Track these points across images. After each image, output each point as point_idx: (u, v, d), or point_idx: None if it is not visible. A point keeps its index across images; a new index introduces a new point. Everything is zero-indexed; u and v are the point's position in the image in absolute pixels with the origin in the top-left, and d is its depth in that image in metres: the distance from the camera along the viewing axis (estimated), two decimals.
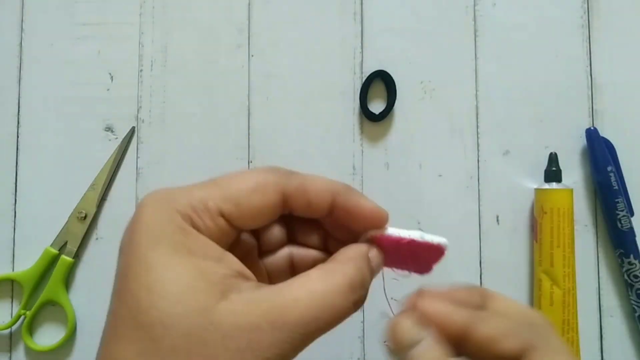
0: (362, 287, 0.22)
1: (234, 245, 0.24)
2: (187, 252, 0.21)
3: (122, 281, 0.21)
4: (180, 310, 0.19)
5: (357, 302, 0.22)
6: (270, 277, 0.26)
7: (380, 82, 0.47)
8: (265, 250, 0.27)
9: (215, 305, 0.19)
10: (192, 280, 0.20)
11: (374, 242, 0.24)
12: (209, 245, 0.21)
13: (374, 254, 0.24)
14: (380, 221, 0.25)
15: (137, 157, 0.47)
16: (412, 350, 0.22)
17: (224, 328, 0.19)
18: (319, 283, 0.21)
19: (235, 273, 0.21)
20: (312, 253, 0.27)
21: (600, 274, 0.45)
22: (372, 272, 0.24)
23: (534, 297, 0.44)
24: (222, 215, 0.22)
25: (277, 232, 0.26)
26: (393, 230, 0.24)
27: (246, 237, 0.25)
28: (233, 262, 0.22)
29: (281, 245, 0.27)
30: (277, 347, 0.20)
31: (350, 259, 0.23)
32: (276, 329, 0.20)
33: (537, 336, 0.22)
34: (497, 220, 0.46)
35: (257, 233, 0.26)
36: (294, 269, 0.27)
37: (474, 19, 0.47)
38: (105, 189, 0.46)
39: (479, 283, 0.45)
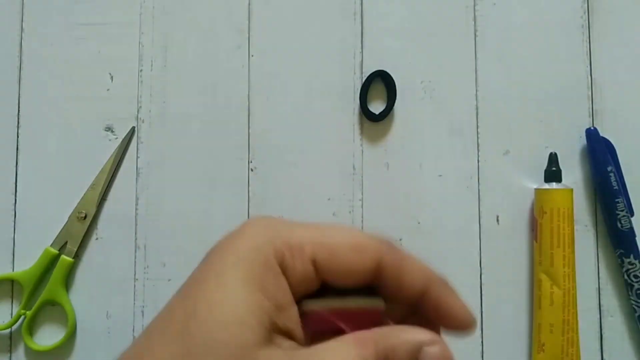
0: None
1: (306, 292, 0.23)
2: (259, 288, 0.20)
3: (192, 285, 0.21)
4: (224, 338, 0.19)
5: None
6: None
7: (380, 82, 0.47)
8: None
9: (257, 347, 0.20)
10: (248, 315, 0.20)
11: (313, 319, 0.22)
12: (283, 291, 0.21)
13: (434, 350, 0.21)
14: (465, 327, 0.23)
15: (137, 157, 0.47)
16: None
17: None
18: (353, 351, 0.21)
19: (287, 329, 0.21)
20: None
21: (600, 274, 0.45)
22: None
23: (534, 297, 0.44)
24: (314, 262, 0.22)
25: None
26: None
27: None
28: (293, 317, 0.21)
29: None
30: None
31: (395, 337, 0.21)
32: None
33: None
34: (497, 220, 0.46)
35: None
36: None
37: (474, 19, 0.47)
38: (105, 189, 0.46)
39: (479, 283, 0.45)
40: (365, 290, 0.23)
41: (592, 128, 0.45)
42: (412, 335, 0.21)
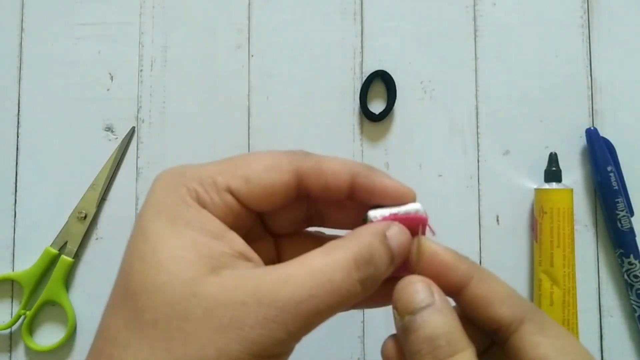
0: (370, 263, 0.20)
1: (243, 227, 0.23)
2: (185, 224, 0.20)
3: (125, 252, 0.21)
4: (165, 279, 0.19)
5: (364, 280, 0.20)
6: None
7: (380, 82, 0.47)
8: (282, 232, 0.26)
9: (202, 278, 0.19)
10: (183, 252, 0.19)
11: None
12: (209, 221, 0.21)
13: (393, 231, 0.22)
14: (407, 200, 0.23)
15: (137, 157, 0.47)
16: (420, 313, 0.20)
17: (207, 302, 0.18)
18: (319, 259, 0.20)
19: (236, 253, 0.20)
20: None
21: (600, 274, 0.45)
22: (390, 251, 0.21)
23: (534, 297, 0.44)
24: (230, 191, 0.22)
25: (294, 214, 0.25)
26: (378, 213, 0.23)
27: (256, 219, 0.24)
28: (235, 241, 0.21)
29: (295, 227, 0.26)
30: (263, 327, 0.18)
31: (358, 235, 0.21)
32: (263, 306, 0.18)
33: (531, 309, 0.21)
34: (497, 220, 0.46)
35: (275, 215, 0.25)
36: None
37: (474, 19, 0.47)
38: (105, 189, 0.46)
39: None
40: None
41: (592, 128, 0.45)
42: (373, 229, 0.22)
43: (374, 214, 0.23)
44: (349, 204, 0.24)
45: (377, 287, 0.21)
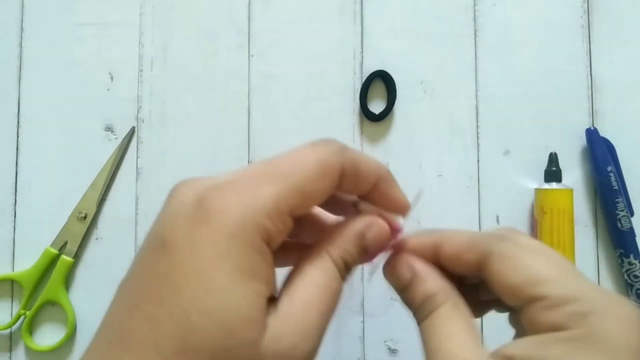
0: (348, 267, 0.23)
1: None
2: (251, 275, 0.19)
3: (171, 291, 0.19)
4: (232, 343, 0.18)
5: (346, 278, 0.23)
6: None
7: (380, 82, 0.47)
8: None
9: (262, 336, 0.19)
10: (250, 311, 0.19)
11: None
12: (268, 265, 0.20)
13: (373, 232, 0.24)
14: (404, 212, 0.26)
15: (137, 157, 0.47)
16: (407, 289, 0.24)
17: (269, 358, 0.19)
18: (319, 277, 0.22)
19: (271, 292, 0.21)
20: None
21: (600, 274, 0.45)
22: (364, 249, 0.24)
23: None
24: (292, 213, 0.21)
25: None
26: (368, 207, 0.25)
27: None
28: (274, 280, 0.21)
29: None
30: (311, 355, 0.20)
31: (342, 241, 0.23)
32: (305, 341, 0.20)
33: (492, 243, 0.23)
34: (497, 220, 0.46)
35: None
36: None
37: (474, 19, 0.47)
38: (105, 189, 0.46)
39: None
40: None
41: (592, 128, 0.45)
42: (350, 229, 0.23)
43: (364, 205, 0.25)
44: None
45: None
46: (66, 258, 0.45)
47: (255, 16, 0.48)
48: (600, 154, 0.44)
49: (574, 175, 0.46)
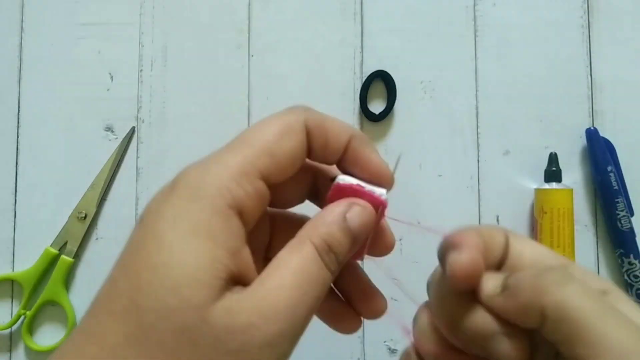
0: (330, 251, 0.21)
1: (263, 207, 0.22)
2: (207, 237, 0.19)
3: (131, 253, 0.20)
4: (176, 303, 0.18)
5: (329, 265, 0.21)
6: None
7: (380, 82, 0.47)
8: (285, 207, 0.25)
9: (212, 303, 0.18)
10: (199, 272, 0.18)
11: (334, 190, 0.23)
12: (236, 234, 0.20)
13: (354, 212, 0.22)
14: (384, 182, 0.23)
15: (137, 157, 0.47)
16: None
17: (217, 330, 0.18)
18: (294, 258, 0.20)
19: (240, 272, 0.20)
20: None
21: (600, 274, 0.45)
22: (350, 233, 0.21)
23: None
24: (261, 176, 0.20)
25: (299, 186, 0.24)
26: (346, 179, 0.23)
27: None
28: (245, 259, 0.20)
29: (298, 201, 0.25)
30: (270, 344, 0.18)
31: (320, 223, 0.21)
32: (270, 323, 0.18)
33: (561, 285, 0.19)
34: (497, 220, 0.46)
35: (284, 188, 0.23)
36: None
37: (474, 19, 0.47)
38: (105, 189, 0.46)
39: None
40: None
41: (592, 128, 0.45)
42: (329, 212, 0.22)
43: (342, 177, 0.23)
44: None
45: (345, 263, 0.22)
46: (66, 258, 0.45)
47: (255, 16, 0.48)
48: (600, 154, 0.44)
49: (574, 175, 0.46)
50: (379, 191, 0.23)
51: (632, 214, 0.44)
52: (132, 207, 0.46)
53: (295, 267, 0.20)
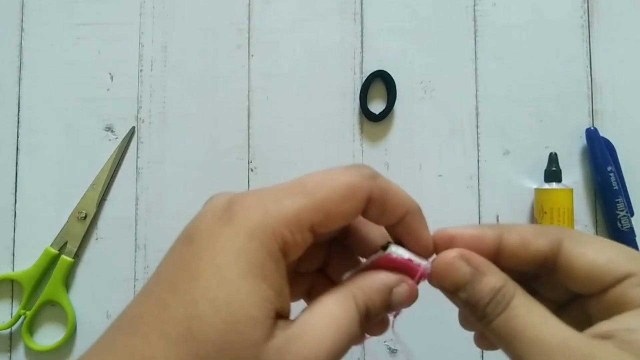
0: (369, 316, 0.22)
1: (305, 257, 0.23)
2: (262, 278, 0.20)
3: (185, 279, 0.20)
4: (234, 338, 0.19)
5: (363, 325, 0.22)
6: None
7: (380, 82, 0.47)
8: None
9: (265, 341, 0.19)
10: (255, 310, 0.19)
11: (384, 258, 0.24)
12: (282, 275, 0.21)
13: (402, 290, 0.23)
14: (426, 255, 0.24)
15: (137, 157, 0.47)
16: (468, 286, 0.22)
17: None
18: (336, 309, 0.21)
19: (282, 308, 0.21)
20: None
21: None
22: (389, 304, 0.23)
23: None
24: (312, 229, 0.21)
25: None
26: (399, 252, 0.24)
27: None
28: (286, 296, 0.21)
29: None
30: None
31: (367, 286, 0.23)
32: None
33: (560, 231, 0.23)
34: (497, 220, 0.46)
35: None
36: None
37: (474, 19, 0.47)
38: (105, 189, 0.46)
39: None
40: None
41: (592, 128, 0.45)
42: (380, 281, 0.23)
43: (395, 249, 0.24)
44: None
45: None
46: (66, 258, 0.45)
47: (255, 16, 0.48)
48: (600, 154, 0.44)
49: (574, 175, 0.46)
50: (425, 264, 0.24)
51: (632, 214, 0.44)
52: (132, 207, 0.46)
53: (339, 321, 0.21)
